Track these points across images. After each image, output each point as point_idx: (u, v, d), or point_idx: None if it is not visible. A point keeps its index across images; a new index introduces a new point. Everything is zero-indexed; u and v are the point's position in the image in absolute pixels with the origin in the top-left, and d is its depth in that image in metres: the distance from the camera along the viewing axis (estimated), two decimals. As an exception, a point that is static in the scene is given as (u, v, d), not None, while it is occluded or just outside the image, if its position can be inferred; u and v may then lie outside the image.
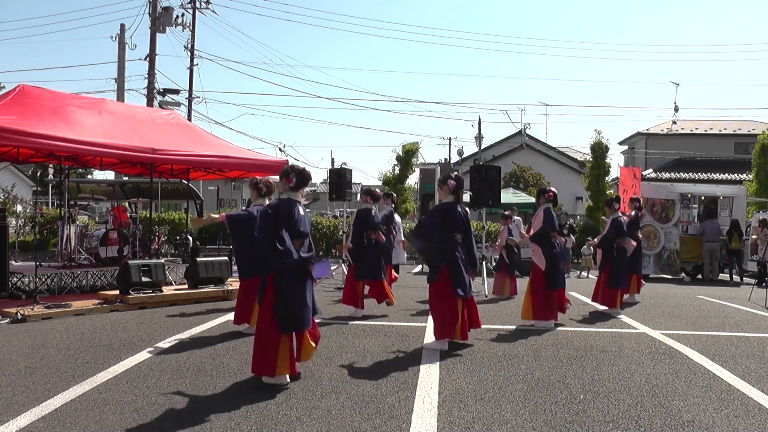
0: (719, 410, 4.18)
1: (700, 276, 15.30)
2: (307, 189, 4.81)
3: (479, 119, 35.76)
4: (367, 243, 7.85)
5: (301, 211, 4.71)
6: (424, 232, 6.13)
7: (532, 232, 7.57)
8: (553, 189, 7.73)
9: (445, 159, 41.44)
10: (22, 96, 8.91)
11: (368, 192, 8.21)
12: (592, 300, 8.97)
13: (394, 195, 8.84)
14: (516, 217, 12.11)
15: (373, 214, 8.00)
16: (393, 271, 10.04)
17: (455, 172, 6.27)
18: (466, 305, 6.04)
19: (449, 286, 5.88)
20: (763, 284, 13.14)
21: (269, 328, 4.55)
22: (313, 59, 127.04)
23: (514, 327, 7.26)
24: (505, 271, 10.48)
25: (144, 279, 8.56)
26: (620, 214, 9.05)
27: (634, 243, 9.23)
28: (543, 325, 7.21)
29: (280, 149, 28.82)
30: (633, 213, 10.13)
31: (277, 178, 5.30)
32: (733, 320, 8.20)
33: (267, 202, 6.25)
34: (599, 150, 20.06)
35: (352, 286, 7.86)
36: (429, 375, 4.91)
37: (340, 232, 15.88)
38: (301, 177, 4.78)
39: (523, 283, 10.00)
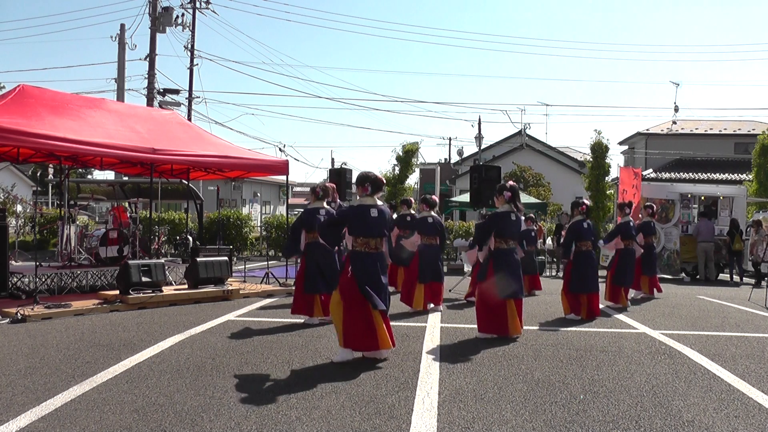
0: (719, 410, 4.18)
1: (699, 276, 15.31)
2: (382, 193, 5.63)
3: (479, 119, 35.75)
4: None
5: (374, 214, 5.28)
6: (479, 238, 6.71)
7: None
8: (586, 202, 8.42)
9: (445, 159, 41.51)
10: (22, 96, 8.91)
11: (423, 200, 8.73)
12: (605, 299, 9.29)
13: (411, 200, 9.51)
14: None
15: (430, 221, 8.47)
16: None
17: (510, 182, 6.87)
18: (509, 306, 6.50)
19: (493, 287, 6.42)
20: (762, 284, 13.15)
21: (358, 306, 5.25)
22: (313, 59, 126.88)
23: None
24: None
25: (144, 279, 8.55)
26: (630, 218, 9.41)
27: (640, 248, 9.71)
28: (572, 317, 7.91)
29: (280, 149, 28.78)
30: (646, 218, 10.66)
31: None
32: (733, 320, 8.20)
33: (323, 204, 7.22)
34: (599, 150, 20.03)
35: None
36: (429, 375, 4.92)
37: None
38: (375, 184, 5.36)
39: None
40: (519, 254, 6.72)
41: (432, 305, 8.36)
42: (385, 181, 5.62)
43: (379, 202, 5.40)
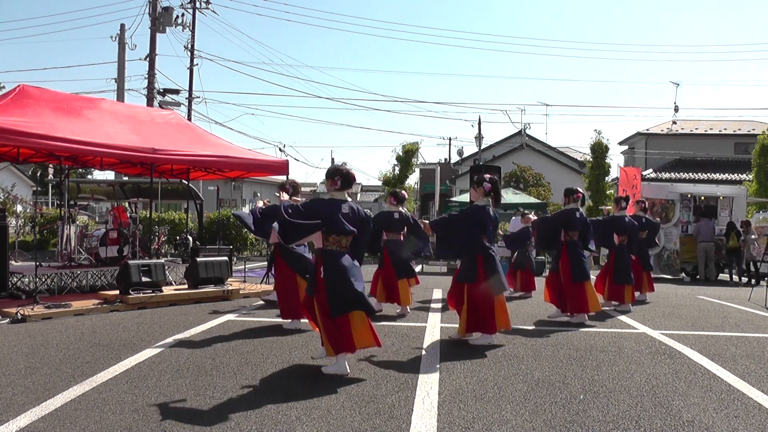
0: (719, 410, 4.18)
1: (699, 276, 15.33)
2: (353, 190, 5.22)
3: (479, 119, 35.78)
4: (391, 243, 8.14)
5: (345, 210, 4.94)
6: (450, 231, 6.28)
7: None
8: (581, 190, 7.99)
9: (445, 159, 41.51)
10: (22, 96, 8.91)
11: (392, 194, 8.48)
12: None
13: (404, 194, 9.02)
14: (533, 217, 12.11)
15: (396, 216, 8.18)
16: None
17: (489, 174, 6.45)
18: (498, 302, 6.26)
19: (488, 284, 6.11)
20: (761, 283, 13.18)
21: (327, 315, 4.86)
22: (313, 59, 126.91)
23: (513, 327, 7.26)
24: (510, 267, 10.62)
25: (144, 279, 8.55)
26: (626, 213, 9.21)
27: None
28: (577, 319, 7.55)
29: (280, 149, 28.80)
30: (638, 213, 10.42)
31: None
32: (733, 320, 8.20)
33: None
34: (599, 150, 20.09)
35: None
36: (429, 375, 4.91)
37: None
38: (346, 179, 5.01)
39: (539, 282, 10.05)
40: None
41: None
42: (356, 178, 5.26)
43: (349, 199, 5.10)
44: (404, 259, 8.12)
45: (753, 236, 14.39)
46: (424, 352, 5.73)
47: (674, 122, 32.28)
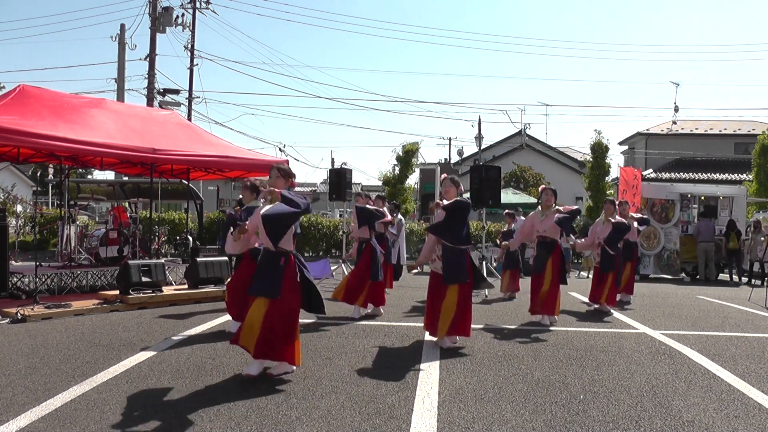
0: (719, 410, 4.18)
1: (699, 276, 15.32)
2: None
3: (479, 119, 35.75)
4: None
5: None
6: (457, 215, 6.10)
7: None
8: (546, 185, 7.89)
9: (445, 159, 41.49)
10: (22, 96, 8.91)
11: (366, 196, 8.60)
12: (591, 299, 8.93)
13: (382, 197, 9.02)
14: (521, 217, 12.09)
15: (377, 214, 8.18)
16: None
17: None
18: None
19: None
20: (763, 283, 13.17)
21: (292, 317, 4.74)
22: (313, 59, 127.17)
23: (513, 327, 7.27)
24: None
25: (144, 279, 8.55)
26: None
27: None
28: (546, 320, 7.54)
29: (280, 149, 28.82)
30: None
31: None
32: (733, 320, 8.20)
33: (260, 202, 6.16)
34: (599, 150, 20.06)
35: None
36: (429, 375, 4.92)
37: (340, 233, 15.91)
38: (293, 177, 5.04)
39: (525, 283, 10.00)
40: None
41: (372, 307, 7.97)
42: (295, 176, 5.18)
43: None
44: (375, 260, 7.95)
45: (762, 237, 14.34)
46: (424, 352, 5.72)
47: (674, 122, 32.27)
